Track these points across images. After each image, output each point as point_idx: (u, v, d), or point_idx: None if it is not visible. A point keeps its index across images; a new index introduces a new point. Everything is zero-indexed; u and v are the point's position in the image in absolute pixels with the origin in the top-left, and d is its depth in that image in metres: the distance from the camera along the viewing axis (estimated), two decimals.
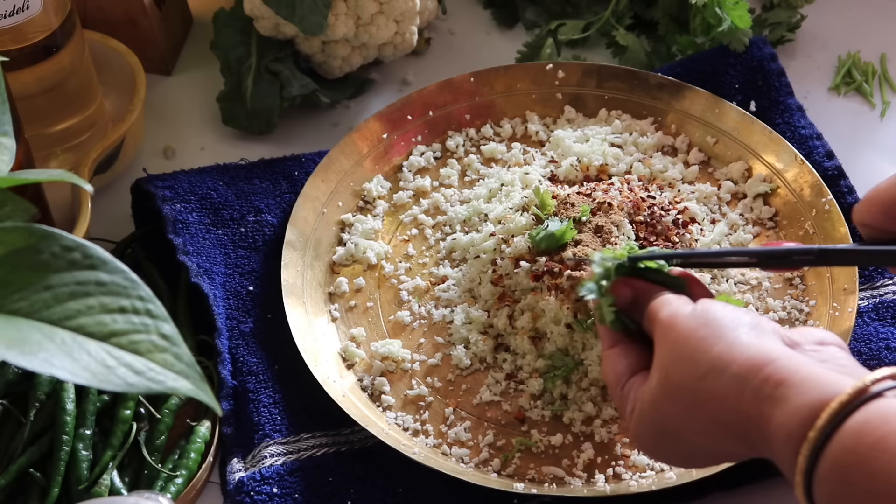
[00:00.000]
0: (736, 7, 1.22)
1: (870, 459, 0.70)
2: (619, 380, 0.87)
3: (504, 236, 1.07)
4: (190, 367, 0.72)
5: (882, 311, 1.07)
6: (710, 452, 0.82)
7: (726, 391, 0.77)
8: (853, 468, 0.70)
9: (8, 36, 1.07)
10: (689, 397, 0.79)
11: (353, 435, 1.02)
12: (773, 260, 0.89)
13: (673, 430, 0.82)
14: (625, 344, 0.88)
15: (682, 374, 0.80)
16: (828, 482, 0.72)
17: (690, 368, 0.79)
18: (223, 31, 1.24)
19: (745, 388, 0.76)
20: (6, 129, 0.84)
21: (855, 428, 0.71)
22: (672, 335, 0.81)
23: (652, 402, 0.82)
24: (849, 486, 0.71)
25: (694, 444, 0.82)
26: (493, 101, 1.23)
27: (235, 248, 1.13)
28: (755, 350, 0.77)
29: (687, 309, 0.83)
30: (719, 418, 0.78)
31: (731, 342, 0.78)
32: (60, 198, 1.15)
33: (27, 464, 0.98)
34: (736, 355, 0.78)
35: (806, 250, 0.88)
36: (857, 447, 0.70)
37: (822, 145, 1.18)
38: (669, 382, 0.81)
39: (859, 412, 0.72)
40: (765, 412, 0.75)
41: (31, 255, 0.73)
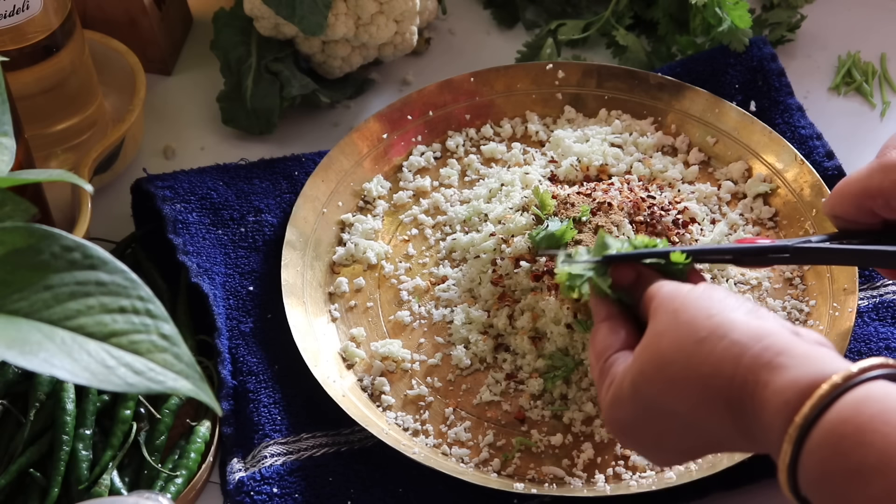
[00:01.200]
0: (736, 7, 1.22)
1: (867, 431, 0.69)
2: (604, 352, 0.85)
3: (504, 236, 1.07)
4: (190, 367, 0.72)
5: (882, 311, 1.07)
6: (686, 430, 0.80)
7: (725, 354, 0.76)
8: (849, 438, 0.70)
9: (8, 36, 1.07)
10: (683, 361, 0.78)
11: (353, 435, 1.02)
12: (748, 257, 0.89)
13: (654, 400, 0.80)
14: (617, 319, 0.87)
15: (679, 338, 0.79)
16: (819, 452, 0.71)
17: (688, 332, 0.78)
18: (223, 31, 1.24)
19: (745, 354, 0.76)
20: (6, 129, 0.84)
21: (855, 400, 0.71)
22: (674, 304, 0.81)
23: (639, 368, 0.81)
24: (841, 456, 0.70)
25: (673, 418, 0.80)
26: (493, 101, 1.23)
27: (235, 248, 1.13)
28: (756, 323, 0.77)
29: (688, 286, 0.83)
30: (710, 383, 0.77)
31: (733, 317, 0.78)
32: (60, 198, 1.15)
33: (27, 464, 0.98)
34: (737, 325, 0.77)
35: (781, 247, 0.88)
36: (856, 418, 0.70)
37: (822, 145, 1.18)
38: (661, 347, 0.80)
39: (860, 388, 0.71)
40: (762, 378, 0.75)
41: (31, 255, 0.73)
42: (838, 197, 0.91)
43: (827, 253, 0.90)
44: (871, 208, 0.89)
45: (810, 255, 0.90)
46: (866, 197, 0.89)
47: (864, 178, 0.89)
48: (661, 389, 0.79)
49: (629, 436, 0.84)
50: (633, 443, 0.85)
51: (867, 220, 0.90)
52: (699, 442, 0.81)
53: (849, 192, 0.90)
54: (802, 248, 0.89)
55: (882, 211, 0.89)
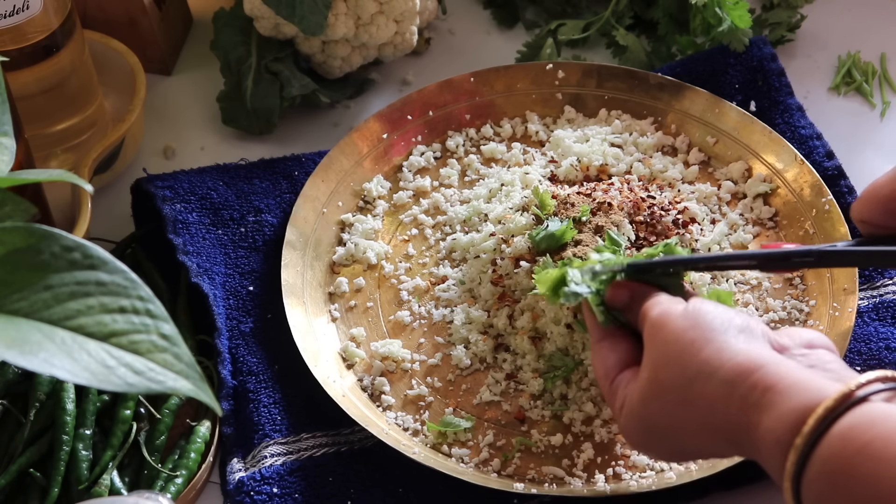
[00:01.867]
0: (736, 7, 1.22)
1: (856, 464, 0.70)
2: (608, 374, 0.87)
3: (504, 236, 1.07)
4: (190, 367, 0.72)
5: (882, 311, 1.07)
6: (699, 451, 0.83)
7: (715, 396, 0.77)
8: (840, 473, 0.71)
9: (8, 36, 1.07)
10: (678, 399, 0.80)
11: (353, 435, 1.02)
12: (773, 262, 0.89)
13: (662, 429, 0.82)
14: (614, 338, 0.88)
15: (671, 376, 0.80)
16: (816, 486, 0.72)
17: (679, 371, 0.80)
18: (223, 31, 1.24)
19: (734, 394, 0.77)
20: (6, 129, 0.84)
21: (841, 433, 0.71)
22: (661, 335, 0.82)
23: (641, 400, 0.82)
24: (835, 490, 0.71)
25: (683, 442, 0.82)
26: (493, 101, 1.23)
27: (235, 248, 1.13)
28: (743, 356, 0.78)
29: (678, 308, 0.83)
30: (708, 421, 0.78)
31: (720, 346, 0.79)
32: (60, 198, 1.15)
33: (27, 464, 0.98)
34: (724, 360, 0.78)
35: (805, 252, 0.88)
36: (844, 452, 0.71)
37: (822, 145, 1.18)
38: (658, 382, 0.81)
39: (845, 417, 0.72)
40: (752, 419, 0.76)
41: (31, 255, 0.73)
42: (866, 202, 0.91)
43: (851, 255, 0.90)
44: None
45: (835, 258, 0.90)
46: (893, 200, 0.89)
47: (890, 182, 0.89)
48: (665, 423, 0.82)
49: (646, 452, 0.87)
50: (652, 456, 0.89)
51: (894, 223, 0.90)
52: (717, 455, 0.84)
53: (877, 195, 0.90)
54: (827, 252, 0.88)
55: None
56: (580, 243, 1.03)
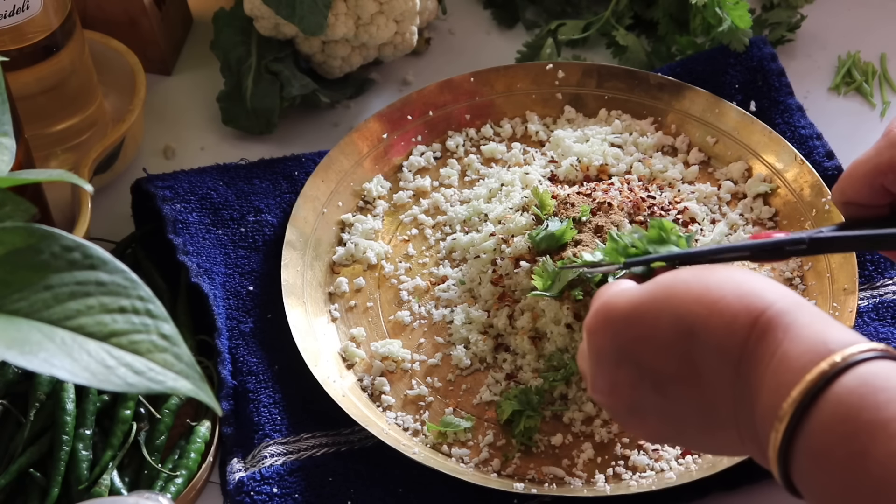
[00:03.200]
0: (736, 7, 1.22)
1: (881, 390, 0.69)
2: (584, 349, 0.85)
3: (504, 236, 1.07)
4: (190, 367, 0.72)
5: (882, 311, 1.07)
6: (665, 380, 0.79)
7: (748, 297, 0.76)
8: (866, 398, 0.69)
9: (8, 36, 1.07)
10: (696, 294, 0.77)
11: (353, 435, 1.02)
12: (766, 253, 0.89)
13: (631, 353, 0.79)
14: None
15: (694, 286, 0.78)
16: (832, 410, 0.70)
17: (703, 284, 0.78)
18: (223, 31, 1.24)
19: (773, 304, 0.75)
20: (6, 129, 0.84)
21: (867, 371, 0.70)
22: (665, 277, 0.80)
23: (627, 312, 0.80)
24: (857, 412, 0.69)
25: (654, 373, 0.78)
26: (493, 101, 1.23)
27: (235, 248, 1.13)
28: (763, 281, 0.77)
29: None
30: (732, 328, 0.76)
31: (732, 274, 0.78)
32: (60, 198, 1.15)
33: (27, 464, 0.98)
34: (755, 278, 0.78)
35: (797, 240, 0.88)
36: (873, 381, 0.70)
37: (822, 145, 1.18)
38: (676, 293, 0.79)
39: (871, 363, 0.71)
40: (785, 320, 0.74)
41: (31, 255, 0.73)
42: (849, 180, 0.91)
43: (843, 241, 0.90)
44: (882, 185, 0.89)
45: (827, 244, 0.90)
46: (878, 174, 0.89)
47: (873, 157, 0.89)
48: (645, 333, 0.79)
49: (609, 398, 0.83)
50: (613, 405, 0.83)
51: (879, 200, 0.90)
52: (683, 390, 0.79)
53: (860, 172, 0.90)
54: (819, 239, 0.88)
55: (894, 187, 0.89)
56: (580, 243, 1.03)
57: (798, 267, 1.10)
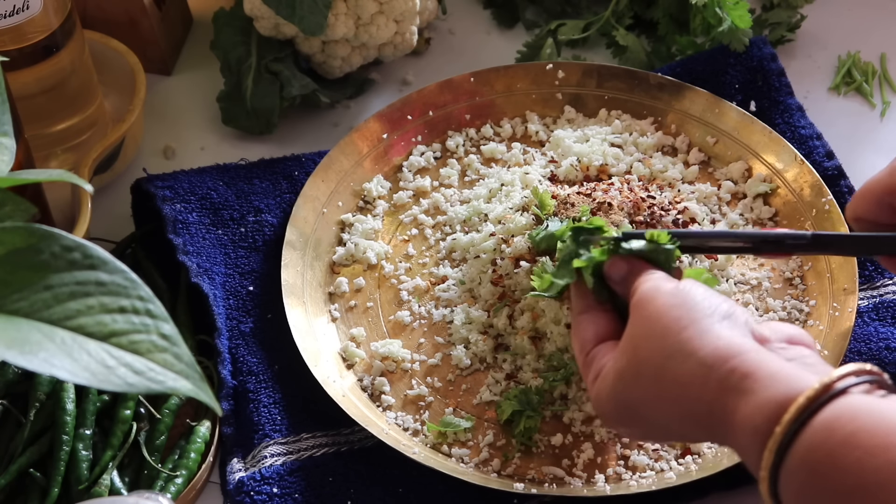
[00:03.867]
0: (736, 7, 1.22)
1: (840, 456, 0.70)
2: (584, 346, 0.87)
3: (504, 236, 1.07)
4: (190, 367, 0.72)
5: (882, 311, 1.07)
6: (668, 432, 0.82)
7: (691, 376, 0.77)
8: (822, 464, 0.70)
9: (8, 36, 1.07)
10: (653, 375, 0.79)
11: (353, 435, 1.02)
12: (767, 245, 0.90)
13: (634, 405, 0.81)
14: (595, 311, 0.88)
15: (650, 351, 0.80)
16: (796, 477, 0.72)
17: (658, 346, 0.79)
18: (223, 31, 1.24)
19: (711, 377, 0.76)
20: (6, 129, 0.84)
21: (824, 424, 0.71)
22: (647, 310, 0.81)
23: (617, 371, 0.82)
24: (817, 481, 0.71)
25: (654, 421, 0.81)
26: (493, 101, 1.23)
27: (235, 248, 1.13)
28: (724, 341, 0.77)
29: (668, 286, 0.83)
30: (682, 404, 0.78)
31: (703, 329, 0.78)
32: (60, 198, 1.15)
33: (27, 464, 0.98)
34: (705, 342, 0.78)
35: (799, 235, 0.89)
36: (827, 443, 0.71)
37: (822, 145, 1.18)
38: (637, 356, 0.81)
39: (827, 408, 0.72)
40: (730, 404, 0.75)
41: (31, 255, 0.73)
42: (860, 199, 0.92)
43: (846, 240, 0.91)
44: (891, 204, 0.91)
45: (829, 242, 0.91)
46: (888, 193, 0.91)
47: (886, 177, 0.91)
48: (638, 399, 0.81)
49: (615, 427, 0.86)
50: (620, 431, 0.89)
51: (890, 219, 0.91)
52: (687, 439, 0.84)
53: (871, 191, 0.92)
54: (821, 236, 0.90)
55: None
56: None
57: (798, 267, 1.10)
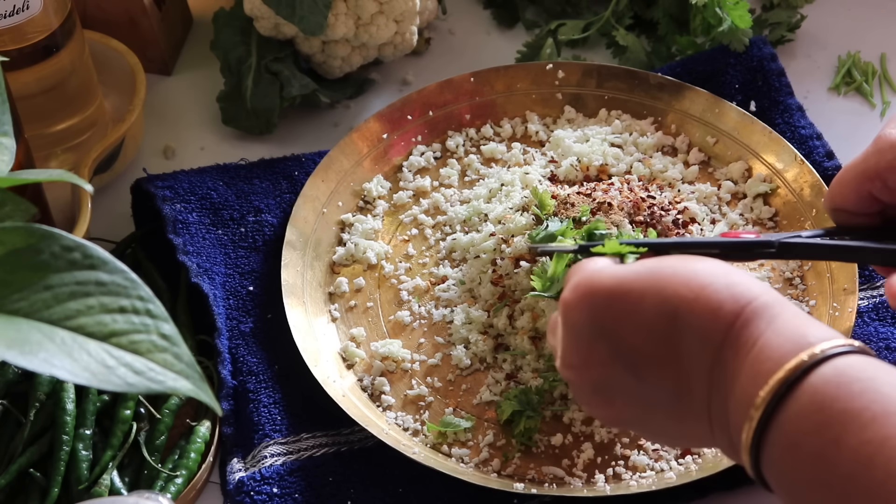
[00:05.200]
0: (736, 7, 1.22)
1: (868, 378, 0.69)
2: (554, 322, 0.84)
3: (504, 236, 1.07)
4: (190, 367, 0.72)
5: (882, 311, 1.07)
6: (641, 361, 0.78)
7: (728, 293, 0.76)
8: (844, 387, 0.69)
9: (8, 36, 1.07)
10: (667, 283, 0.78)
11: (353, 435, 1.02)
12: (735, 252, 0.89)
13: (610, 330, 0.79)
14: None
15: (685, 274, 0.78)
16: (810, 398, 0.70)
17: (692, 273, 0.78)
18: (223, 31, 1.24)
19: (754, 299, 0.75)
20: (6, 129, 0.84)
21: (846, 362, 0.71)
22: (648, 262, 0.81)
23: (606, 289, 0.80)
24: (836, 401, 0.69)
25: (631, 352, 0.78)
26: (493, 101, 1.23)
27: (235, 248, 1.13)
28: (748, 281, 0.77)
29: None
30: (716, 318, 0.76)
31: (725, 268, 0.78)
32: (60, 198, 1.15)
33: (27, 464, 0.98)
34: (738, 273, 0.78)
35: (766, 243, 0.88)
36: (848, 372, 0.70)
37: (822, 145, 1.18)
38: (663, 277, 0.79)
39: (844, 357, 0.71)
40: (761, 322, 0.74)
41: (31, 255, 0.73)
42: (837, 186, 0.91)
43: (812, 248, 0.90)
44: (870, 192, 0.89)
45: (796, 250, 0.90)
46: (864, 180, 0.89)
47: (860, 163, 0.90)
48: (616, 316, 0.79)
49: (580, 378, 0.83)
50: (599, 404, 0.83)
51: (867, 207, 0.90)
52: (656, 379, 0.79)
53: (847, 178, 0.90)
54: (788, 244, 0.88)
55: (881, 194, 0.89)
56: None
57: (798, 267, 1.10)
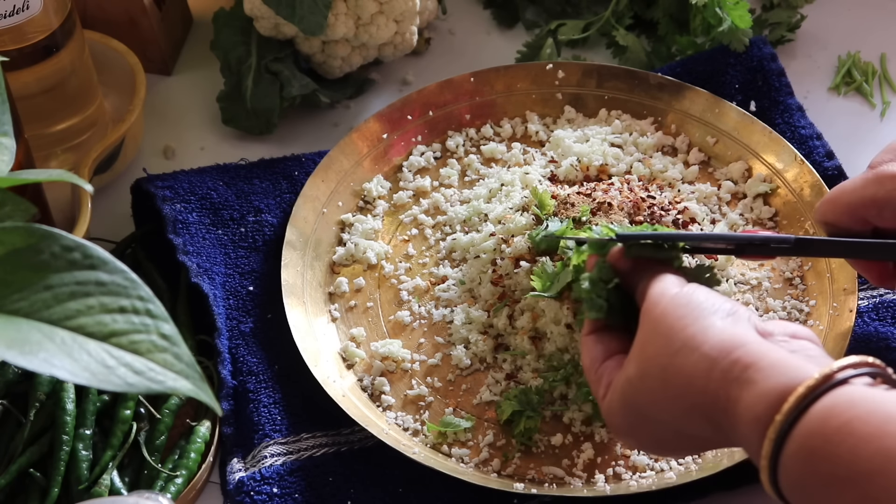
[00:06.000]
0: (736, 7, 1.22)
1: (835, 443, 0.71)
2: (594, 363, 0.87)
3: (504, 236, 1.07)
4: (190, 367, 0.72)
5: (882, 311, 1.07)
6: (677, 434, 0.82)
7: (695, 369, 0.78)
8: (818, 451, 0.71)
9: (8, 36, 1.07)
10: (660, 374, 0.80)
11: (353, 435, 1.02)
12: (751, 247, 0.90)
13: (643, 409, 0.82)
14: (602, 331, 0.89)
15: (656, 350, 0.81)
16: (793, 465, 0.72)
17: (664, 344, 0.80)
18: (223, 31, 1.24)
19: (714, 368, 0.77)
20: (6, 129, 0.84)
21: (821, 412, 0.72)
22: (655, 312, 0.82)
23: (627, 378, 0.83)
24: (813, 468, 0.71)
25: (662, 424, 0.82)
26: (493, 101, 1.23)
27: (235, 248, 1.13)
28: (728, 333, 0.78)
29: (674, 289, 0.83)
30: (687, 397, 0.79)
31: (707, 325, 0.79)
32: (60, 198, 1.15)
33: (27, 464, 0.98)
34: (709, 336, 0.79)
35: (783, 239, 0.89)
36: (823, 430, 0.71)
37: (822, 145, 1.18)
38: (644, 358, 0.81)
39: (826, 397, 0.73)
40: (732, 394, 0.76)
41: (31, 255, 0.73)
42: (830, 205, 0.93)
43: (829, 245, 0.91)
44: (863, 217, 0.91)
45: (813, 246, 0.91)
46: (860, 206, 0.91)
47: (858, 189, 0.91)
48: (646, 401, 0.82)
49: (629, 439, 0.86)
50: (633, 444, 0.88)
51: (859, 228, 0.92)
52: (694, 443, 0.83)
53: (842, 200, 0.92)
54: (805, 240, 0.91)
55: (875, 220, 0.91)
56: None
57: (798, 267, 1.10)
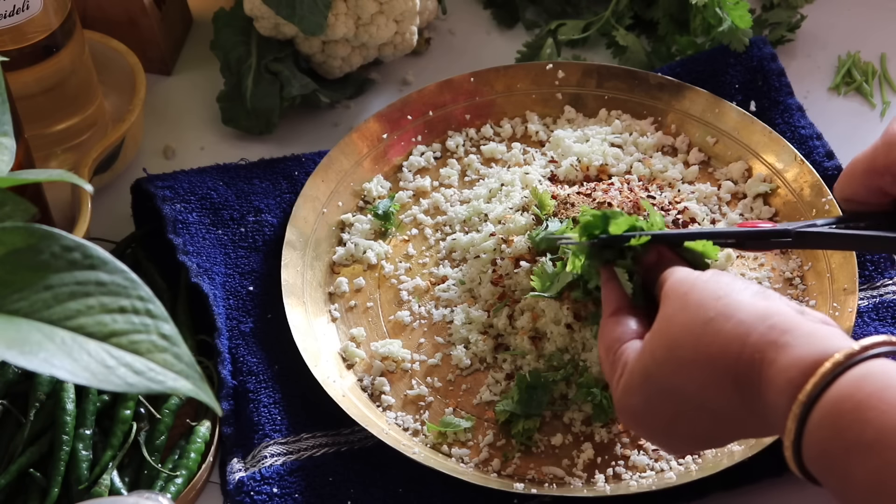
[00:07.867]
0: (736, 7, 1.22)
1: (865, 408, 0.70)
2: (612, 346, 0.87)
3: (504, 236, 1.07)
4: (190, 367, 0.72)
5: (882, 311, 1.07)
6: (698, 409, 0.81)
7: (732, 334, 0.78)
8: (847, 415, 0.71)
9: (8, 36, 1.07)
10: (692, 342, 0.80)
11: (353, 435, 1.02)
12: (751, 241, 0.91)
13: (666, 382, 0.81)
14: (624, 313, 0.88)
15: (687, 320, 0.80)
16: (819, 430, 0.72)
17: (696, 314, 0.80)
18: (223, 31, 1.24)
19: (752, 333, 0.77)
20: (6, 129, 0.84)
21: (855, 378, 0.72)
22: (681, 289, 0.82)
23: (650, 352, 0.82)
24: (840, 432, 0.71)
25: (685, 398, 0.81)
26: (493, 101, 1.23)
27: (235, 248, 1.13)
28: (762, 304, 0.79)
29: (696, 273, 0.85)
30: (719, 362, 0.78)
31: (740, 298, 0.80)
32: (60, 198, 1.15)
33: (27, 464, 0.98)
34: (743, 306, 0.79)
35: (783, 231, 0.90)
36: (855, 396, 0.71)
37: (822, 145, 1.18)
38: (671, 330, 0.81)
39: (861, 365, 0.73)
40: (768, 356, 0.76)
41: (31, 255, 0.73)
42: (847, 178, 0.92)
43: (829, 238, 0.92)
44: (879, 186, 0.90)
45: (812, 239, 0.91)
46: (873, 174, 0.90)
47: (868, 157, 0.91)
48: (671, 371, 0.81)
49: (641, 423, 0.85)
50: (645, 429, 0.86)
51: (877, 199, 0.91)
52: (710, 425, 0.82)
53: (855, 171, 0.92)
54: (804, 233, 0.90)
55: (890, 188, 0.90)
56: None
57: (798, 267, 1.10)
